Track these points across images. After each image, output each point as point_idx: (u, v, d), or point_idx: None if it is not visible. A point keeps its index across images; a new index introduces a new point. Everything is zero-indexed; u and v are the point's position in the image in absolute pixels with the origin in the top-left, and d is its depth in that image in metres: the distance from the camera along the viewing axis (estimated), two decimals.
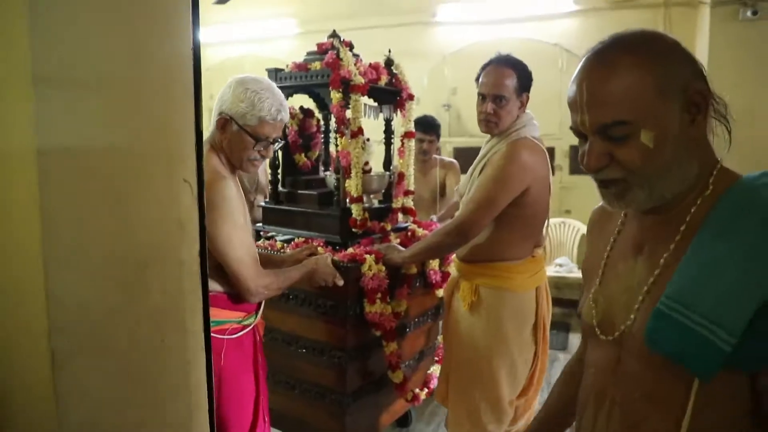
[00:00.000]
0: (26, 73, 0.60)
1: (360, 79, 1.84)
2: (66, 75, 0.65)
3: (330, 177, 2.07)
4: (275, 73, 2.02)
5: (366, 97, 1.93)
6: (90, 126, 0.68)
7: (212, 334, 1.05)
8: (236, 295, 1.48)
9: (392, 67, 2.11)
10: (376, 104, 2.06)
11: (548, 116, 3.66)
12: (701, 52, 3.67)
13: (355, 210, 1.93)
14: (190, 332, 0.85)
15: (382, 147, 2.18)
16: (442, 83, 4.56)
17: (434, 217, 2.70)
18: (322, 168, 2.33)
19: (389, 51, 2.15)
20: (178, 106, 0.78)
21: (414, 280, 2.08)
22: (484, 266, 1.80)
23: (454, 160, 3.24)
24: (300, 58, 2.00)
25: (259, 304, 1.59)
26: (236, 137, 1.45)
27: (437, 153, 3.16)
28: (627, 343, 0.79)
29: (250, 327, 1.55)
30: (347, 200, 1.96)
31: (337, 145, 2.00)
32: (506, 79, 1.72)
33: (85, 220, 0.70)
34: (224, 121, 1.45)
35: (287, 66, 2.01)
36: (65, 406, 0.70)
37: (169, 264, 0.80)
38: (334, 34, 1.97)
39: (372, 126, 2.07)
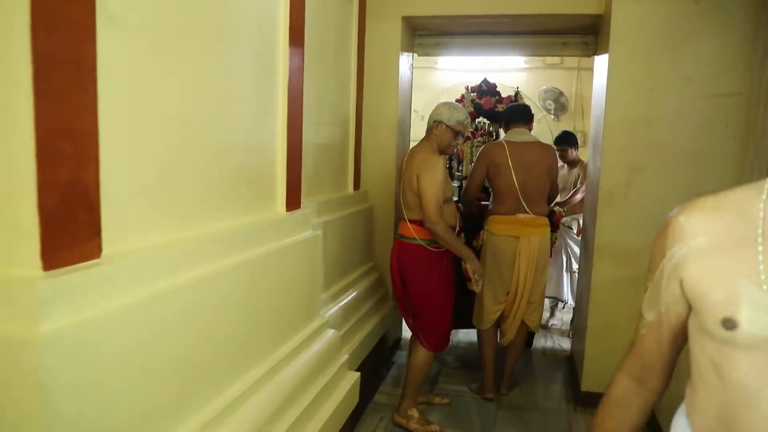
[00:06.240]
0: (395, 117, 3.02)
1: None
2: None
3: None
4: None
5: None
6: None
7: (423, 243, 2.59)
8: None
9: (517, 97, 4.01)
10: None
11: None
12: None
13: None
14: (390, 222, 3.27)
15: None
16: None
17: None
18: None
19: (517, 87, 4.21)
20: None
21: None
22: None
23: (585, 161, 4.22)
24: None
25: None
26: (444, 133, 2.63)
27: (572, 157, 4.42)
28: None
29: (443, 249, 2.64)
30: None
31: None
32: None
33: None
34: (437, 124, 2.63)
35: None
36: None
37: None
38: (485, 81, 4.05)
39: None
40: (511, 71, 6.70)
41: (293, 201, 1.99)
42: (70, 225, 0.99)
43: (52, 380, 0.91)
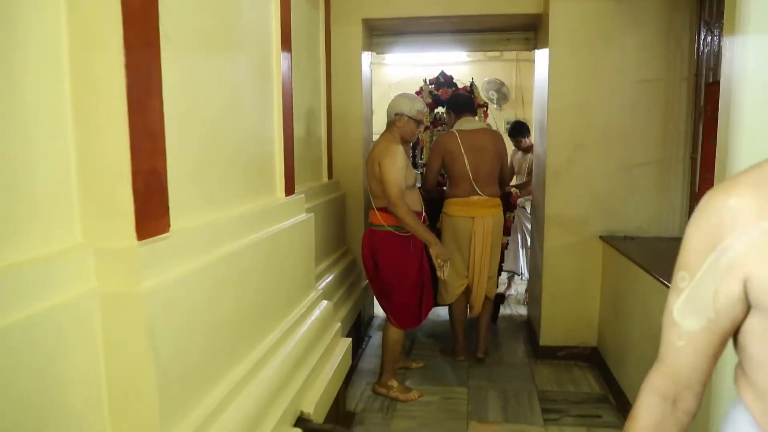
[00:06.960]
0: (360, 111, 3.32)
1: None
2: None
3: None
4: None
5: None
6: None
7: (392, 230, 2.79)
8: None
9: (472, 87, 4.19)
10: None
11: None
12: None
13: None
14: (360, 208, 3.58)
15: None
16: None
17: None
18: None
19: (472, 78, 4.50)
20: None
21: None
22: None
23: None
24: None
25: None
26: (407, 124, 2.84)
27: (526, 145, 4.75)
28: None
29: (410, 234, 2.83)
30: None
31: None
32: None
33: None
34: (399, 116, 2.84)
35: None
36: None
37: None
38: (442, 74, 4.30)
39: None
40: (455, 64, 7.09)
41: (290, 187, 2.25)
42: (151, 205, 1.24)
43: (155, 325, 1.16)
